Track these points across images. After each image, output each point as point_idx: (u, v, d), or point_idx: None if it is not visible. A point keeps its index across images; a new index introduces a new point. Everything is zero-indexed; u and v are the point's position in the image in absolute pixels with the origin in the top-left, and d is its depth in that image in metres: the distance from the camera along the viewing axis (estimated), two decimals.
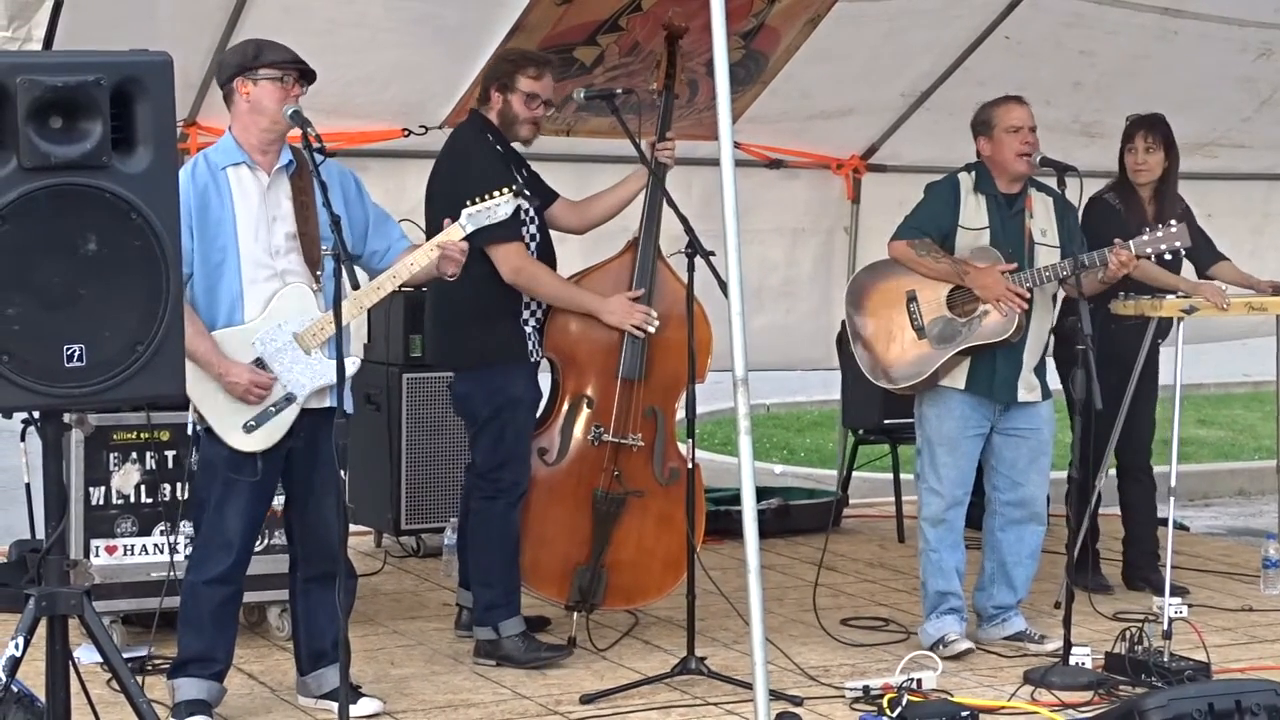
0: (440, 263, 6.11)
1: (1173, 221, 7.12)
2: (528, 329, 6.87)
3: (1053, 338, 7.26)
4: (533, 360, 6.90)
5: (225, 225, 5.95)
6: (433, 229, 6.49)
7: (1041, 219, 7.14)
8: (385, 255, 6.20)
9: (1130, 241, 7.04)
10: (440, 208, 6.54)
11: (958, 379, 7.04)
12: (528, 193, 6.52)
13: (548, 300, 6.88)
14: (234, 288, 5.95)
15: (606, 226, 7.29)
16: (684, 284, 6.75)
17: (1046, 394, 7.17)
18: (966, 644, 7.03)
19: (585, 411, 7.01)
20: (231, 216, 5.96)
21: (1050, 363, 7.28)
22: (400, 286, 6.27)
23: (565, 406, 7.03)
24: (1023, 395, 7.08)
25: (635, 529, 7.04)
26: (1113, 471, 8.16)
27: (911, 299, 7.09)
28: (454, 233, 6.21)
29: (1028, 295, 6.94)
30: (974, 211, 7.07)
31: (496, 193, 6.27)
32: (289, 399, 5.99)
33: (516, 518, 6.89)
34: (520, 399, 6.87)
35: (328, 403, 5.97)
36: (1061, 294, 7.22)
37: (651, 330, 6.91)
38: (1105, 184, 8.04)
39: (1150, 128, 7.94)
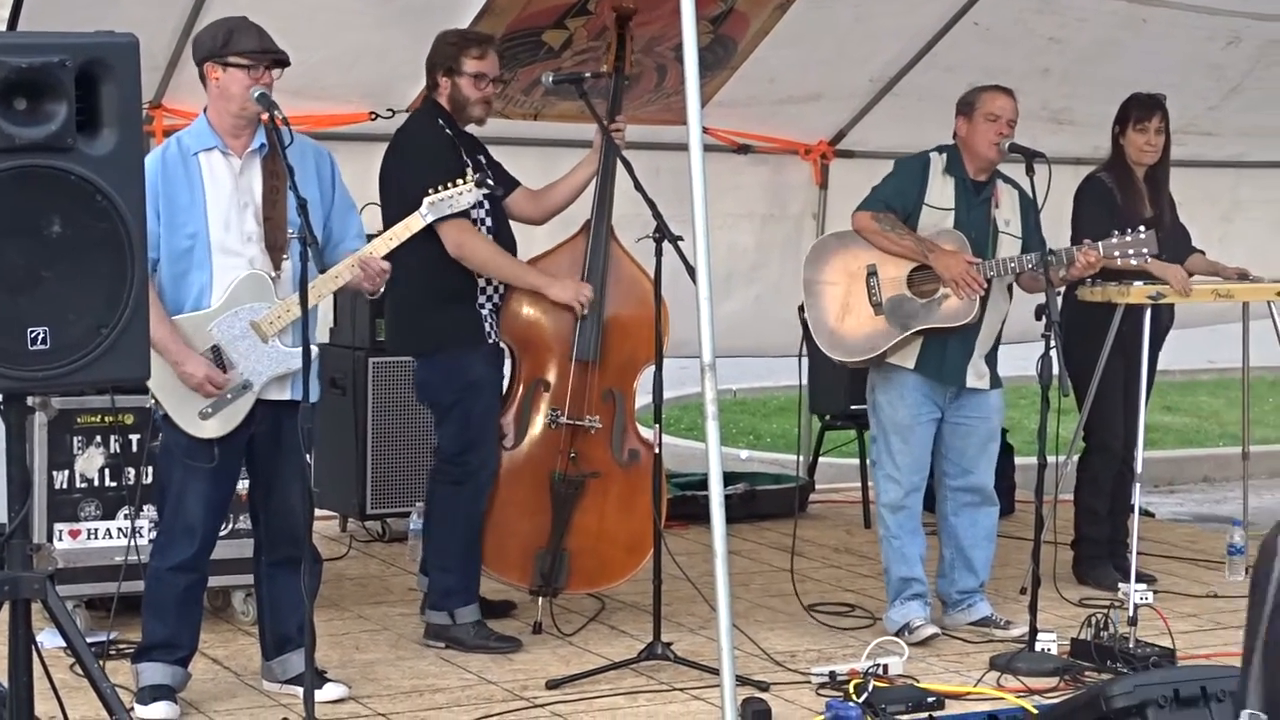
0: (361, 280, 6.02)
1: (1142, 228, 7.13)
2: (484, 311, 6.83)
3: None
4: (490, 341, 6.87)
5: (195, 211, 5.91)
6: (387, 219, 6.48)
7: (1006, 210, 7.15)
8: (335, 247, 6.09)
9: (1099, 243, 7.06)
10: (393, 198, 6.51)
11: (908, 358, 7.02)
12: (490, 182, 6.49)
13: (493, 275, 6.82)
14: (203, 275, 5.91)
15: (570, 212, 7.25)
16: (638, 265, 6.77)
17: (996, 383, 7.16)
18: (932, 629, 7.04)
19: (543, 395, 6.99)
20: (202, 203, 5.91)
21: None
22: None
23: (521, 391, 7.00)
24: (971, 381, 7.07)
25: (595, 512, 7.02)
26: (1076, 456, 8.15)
27: (872, 273, 7.05)
28: (414, 222, 6.20)
29: (986, 282, 6.95)
30: (940, 192, 7.07)
31: (460, 180, 6.26)
32: (245, 386, 5.95)
33: (483, 504, 6.87)
34: (480, 382, 6.83)
35: (288, 394, 5.94)
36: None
37: (585, 311, 6.87)
38: (1099, 164, 8.00)
39: (1161, 109, 7.86)
